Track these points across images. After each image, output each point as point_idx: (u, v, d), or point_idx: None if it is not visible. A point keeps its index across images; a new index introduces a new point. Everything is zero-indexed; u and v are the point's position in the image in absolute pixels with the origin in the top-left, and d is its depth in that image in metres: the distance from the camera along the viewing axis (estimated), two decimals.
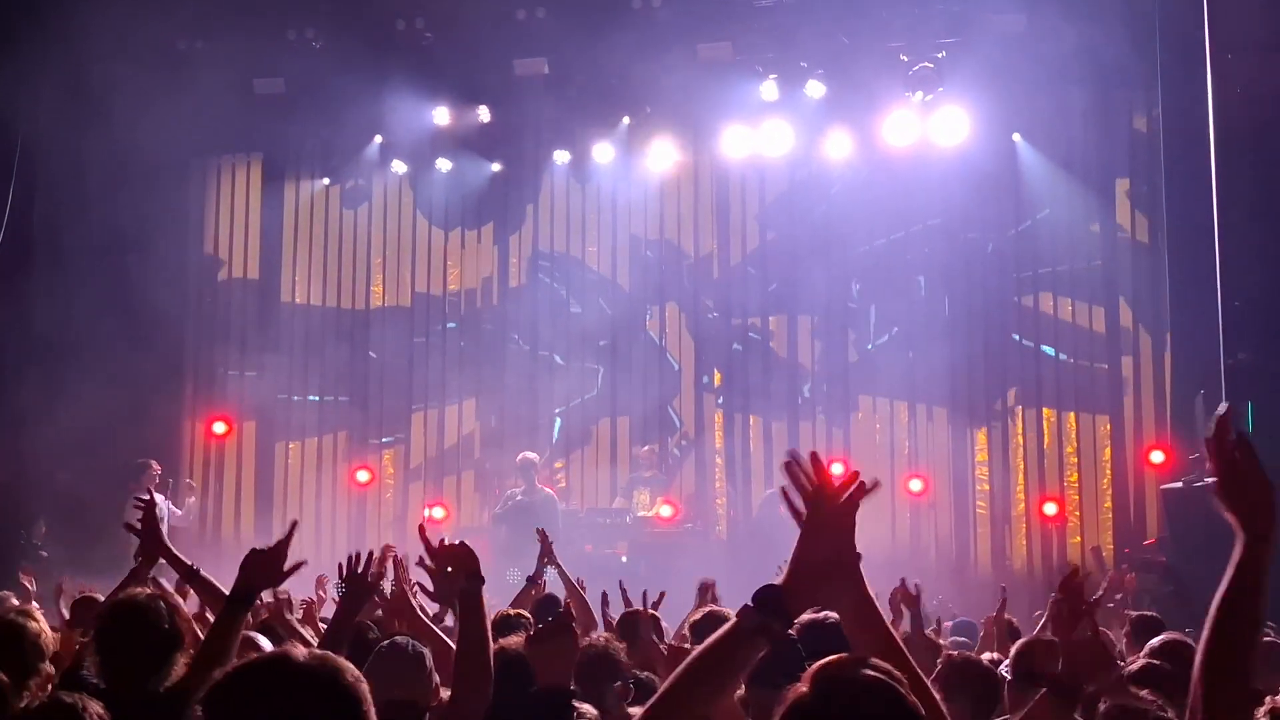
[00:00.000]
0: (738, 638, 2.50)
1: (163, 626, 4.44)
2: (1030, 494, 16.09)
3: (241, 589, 3.98)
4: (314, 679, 2.34)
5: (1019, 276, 16.32)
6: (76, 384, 15.22)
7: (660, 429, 17.22)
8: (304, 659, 2.38)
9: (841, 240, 16.79)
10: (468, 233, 18.05)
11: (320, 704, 2.33)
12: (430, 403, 17.78)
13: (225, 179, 18.59)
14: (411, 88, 16.40)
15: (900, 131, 15.96)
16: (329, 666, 2.38)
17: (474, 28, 15.57)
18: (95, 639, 4.54)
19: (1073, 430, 16.09)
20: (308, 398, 17.83)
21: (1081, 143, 16.20)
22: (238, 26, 15.93)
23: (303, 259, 18.32)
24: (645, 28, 15.32)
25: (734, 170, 17.16)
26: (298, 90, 16.42)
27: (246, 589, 3.99)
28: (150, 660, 4.41)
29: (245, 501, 18.01)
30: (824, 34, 15.51)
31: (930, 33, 15.48)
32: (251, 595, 3.99)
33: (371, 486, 17.60)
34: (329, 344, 17.92)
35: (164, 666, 4.42)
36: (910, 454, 16.52)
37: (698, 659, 2.52)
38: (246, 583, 3.99)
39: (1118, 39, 14.70)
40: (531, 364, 17.41)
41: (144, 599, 4.56)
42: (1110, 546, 15.50)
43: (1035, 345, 16.26)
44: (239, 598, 3.97)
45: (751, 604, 2.52)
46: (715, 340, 17.27)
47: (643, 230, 17.57)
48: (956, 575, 15.10)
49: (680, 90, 16.06)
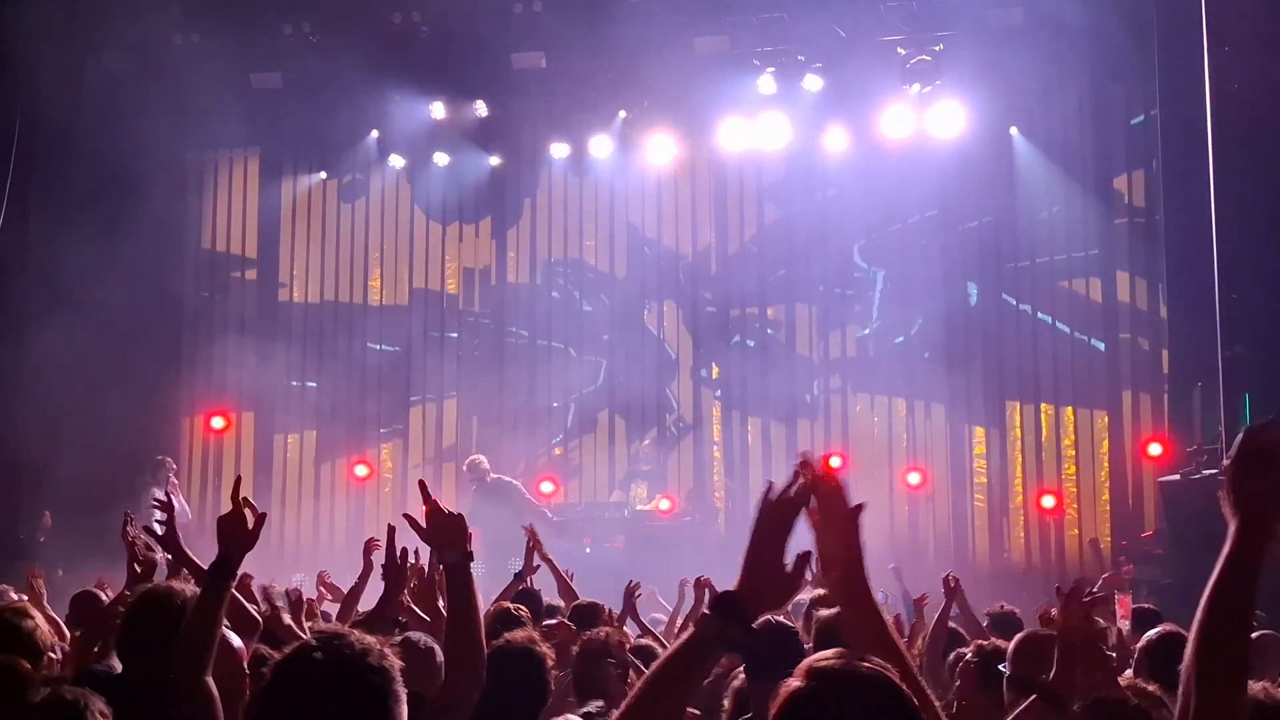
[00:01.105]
0: (698, 646, 2.51)
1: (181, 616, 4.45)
2: (1028, 487, 16.11)
3: (220, 559, 3.94)
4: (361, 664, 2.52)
5: (1016, 268, 16.34)
6: (74, 379, 15.24)
7: (658, 418, 17.24)
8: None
9: (838, 233, 16.81)
10: (465, 227, 18.06)
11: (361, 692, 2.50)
12: (428, 396, 17.79)
13: (223, 173, 18.57)
14: (408, 82, 16.42)
15: (897, 124, 15.96)
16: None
17: (471, 21, 15.55)
18: (122, 628, 4.54)
19: (1070, 423, 16.11)
20: (306, 391, 17.82)
21: (1078, 136, 16.21)
22: (234, 21, 15.95)
23: (300, 253, 18.32)
24: (642, 21, 15.31)
25: (731, 163, 17.16)
26: (295, 85, 16.40)
27: (224, 558, 3.94)
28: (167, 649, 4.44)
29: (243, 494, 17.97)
30: (821, 27, 15.50)
31: (927, 26, 15.48)
32: (229, 563, 3.94)
33: (370, 480, 17.61)
34: (327, 338, 17.93)
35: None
36: (908, 447, 16.55)
37: (661, 668, 2.53)
38: (224, 552, 3.94)
39: (1115, 32, 14.72)
40: (530, 357, 17.42)
41: (168, 589, 4.58)
42: (1108, 539, 15.54)
43: (1032, 338, 16.27)
44: (219, 568, 3.93)
45: (709, 611, 2.53)
46: (713, 333, 17.28)
47: (640, 224, 17.58)
48: (955, 568, 15.08)
49: (677, 84, 16.08)
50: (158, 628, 4.33)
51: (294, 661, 2.61)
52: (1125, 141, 16.04)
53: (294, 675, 2.59)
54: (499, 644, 4.92)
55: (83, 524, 14.04)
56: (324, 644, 2.60)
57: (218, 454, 18.10)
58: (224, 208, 18.52)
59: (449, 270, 18.08)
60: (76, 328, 15.46)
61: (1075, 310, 16.16)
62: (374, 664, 2.61)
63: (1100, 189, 16.09)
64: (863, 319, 16.85)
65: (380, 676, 2.61)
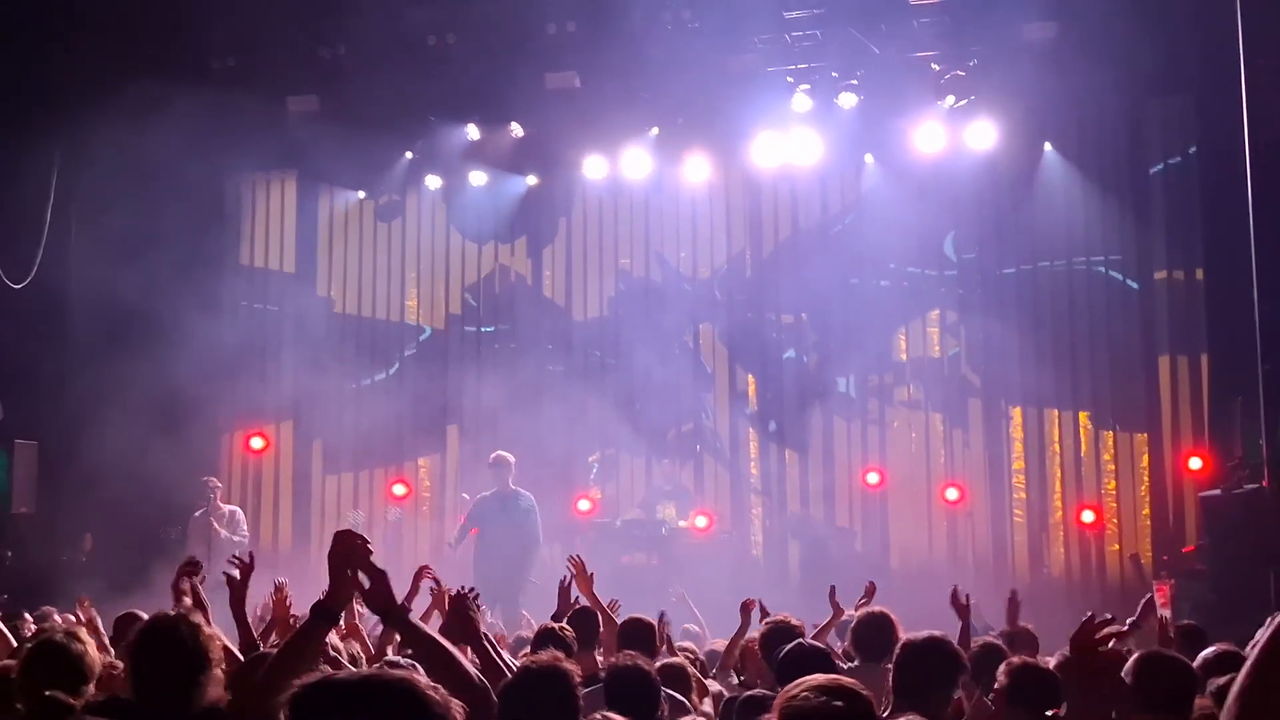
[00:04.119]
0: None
1: (188, 646, 4.44)
2: (1068, 502, 16.01)
3: (325, 603, 3.80)
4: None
5: (1053, 283, 16.24)
6: (113, 402, 15.38)
7: (695, 434, 17.24)
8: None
9: (873, 249, 16.78)
10: (501, 246, 18.13)
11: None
12: (466, 415, 17.83)
13: (260, 195, 18.73)
14: (444, 102, 16.53)
15: (931, 140, 15.93)
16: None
17: (505, 42, 15.62)
18: (128, 660, 4.58)
19: (1110, 437, 16.01)
20: (343, 411, 17.88)
21: (1113, 152, 16.13)
22: (271, 45, 16.08)
23: (338, 273, 18.45)
24: (675, 40, 15.36)
25: (765, 180, 17.17)
26: (331, 107, 16.51)
27: (331, 603, 3.81)
28: (179, 679, 4.44)
29: (283, 515, 18.11)
30: (854, 44, 15.50)
31: (961, 41, 15.42)
32: (333, 610, 3.83)
33: (408, 500, 17.67)
34: (364, 357, 18.02)
35: (193, 686, 4.43)
36: (946, 462, 16.48)
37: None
38: (331, 597, 3.79)
39: (1152, 48, 14.63)
40: (565, 375, 17.43)
41: (171, 619, 4.58)
42: (1149, 554, 15.40)
43: (1070, 351, 16.18)
44: (323, 611, 3.79)
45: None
46: (749, 348, 17.28)
47: (675, 240, 17.61)
48: (994, 584, 15.03)
49: (711, 101, 16.10)
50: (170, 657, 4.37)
51: (349, 701, 2.60)
52: (1162, 157, 15.92)
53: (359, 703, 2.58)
54: (524, 664, 4.89)
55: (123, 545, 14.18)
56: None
57: (256, 474, 18.20)
58: (262, 229, 18.67)
59: (485, 289, 18.15)
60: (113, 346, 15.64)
61: (1113, 324, 16.06)
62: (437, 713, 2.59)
63: (1137, 204, 15.97)
64: (898, 334, 16.78)
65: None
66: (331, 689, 2.47)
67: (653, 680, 5.25)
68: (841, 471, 16.70)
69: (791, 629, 6.73)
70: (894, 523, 16.47)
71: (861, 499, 16.63)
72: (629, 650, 5.87)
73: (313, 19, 16.00)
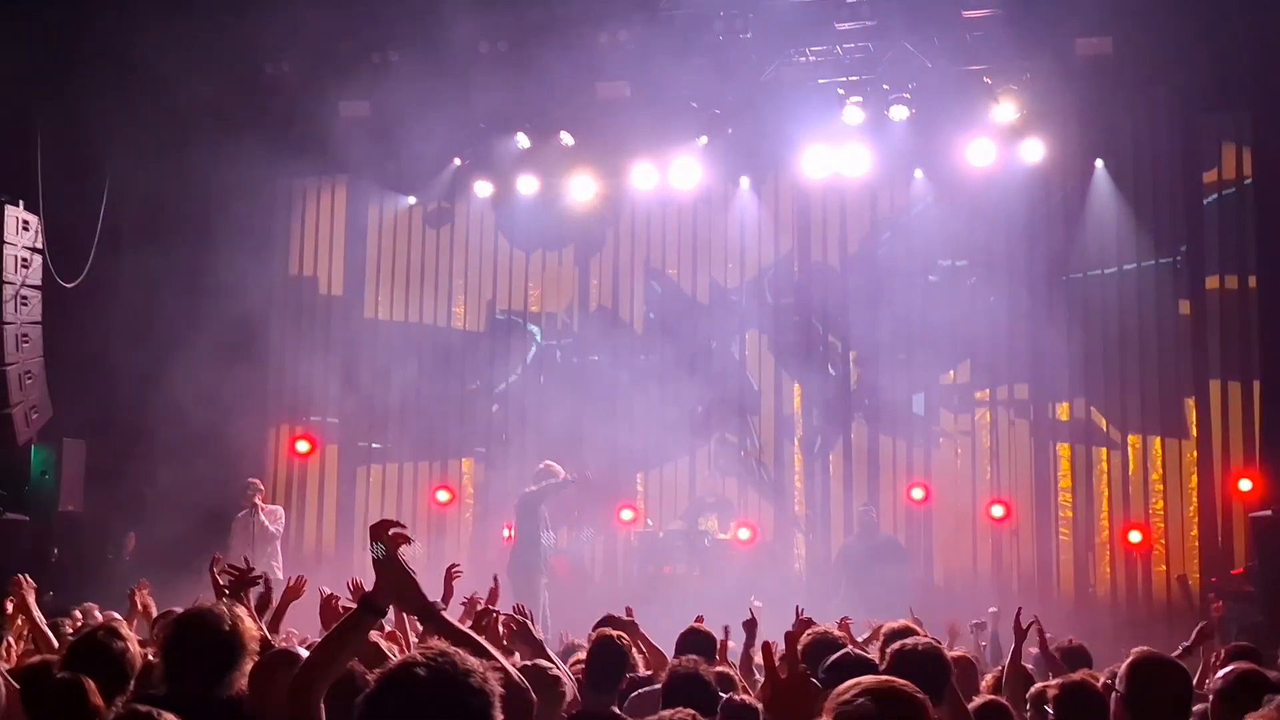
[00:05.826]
0: None
1: (224, 634, 4.51)
2: (1114, 521, 15.85)
3: (372, 595, 3.74)
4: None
5: (1103, 299, 16.09)
6: (163, 404, 15.49)
7: (740, 445, 17.18)
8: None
9: (922, 262, 16.71)
10: (549, 254, 18.15)
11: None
12: (511, 421, 17.86)
13: (310, 199, 18.83)
14: (495, 110, 16.56)
15: (982, 154, 15.83)
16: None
17: (557, 50, 15.65)
18: (162, 647, 4.60)
19: (1158, 457, 15.84)
20: (389, 416, 17.94)
21: (1167, 168, 15.98)
22: (323, 50, 16.17)
23: (386, 278, 18.52)
24: (727, 50, 15.35)
25: (815, 192, 17.11)
26: (382, 112, 16.57)
27: (376, 596, 3.75)
28: (212, 668, 4.49)
29: (327, 518, 18.18)
30: (906, 57, 15.44)
31: (1013, 55, 15.33)
32: (378, 602, 3.80)
33: (452, 506, 17.70)
34: (411, 362, 18.07)
35: (226, 674, 4.49)
36: (992, 479, 16.35)
37: None
38: (379, 590, 3.75)
39: (1206, 63, 14.49)
40: (612, 384, 17.39)
41: (208, 608, 4.64)
42: (1196, 575, 15.23)
43: (1119, 371, 16.03)
44: (368, 604, 3.74)
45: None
46: (796, 361, 17.19)
47: (724, 251, 17.56)
48: (1039, 604, 14.89)
49: (761, 112, 16.08)
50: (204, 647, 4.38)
51: (397, 674, 2.64)
52: (1216, 173, 15.76)
53: (395, 688, 2.62)
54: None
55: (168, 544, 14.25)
56: (429, 660, 2.63)
57: (301, 476, 18.29)
58: (311, 233, 18.77)
59: (532, 297, 18.18)
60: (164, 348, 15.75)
61: (1163, 342, 15.89)
62: (475, 685, 2.62)
63: (1189, 219, 15.82)
64: (946, 350, 16.62)
65: (480, 698, 2.62)
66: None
67: (709, 682, 5.28)
68: (886, 486, 16.60)
69: (835, 640, 6.67)
70: (938, 539, 16.35)
71: (906, 514, 16.52)
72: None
73: (365, 25, 16.10)
